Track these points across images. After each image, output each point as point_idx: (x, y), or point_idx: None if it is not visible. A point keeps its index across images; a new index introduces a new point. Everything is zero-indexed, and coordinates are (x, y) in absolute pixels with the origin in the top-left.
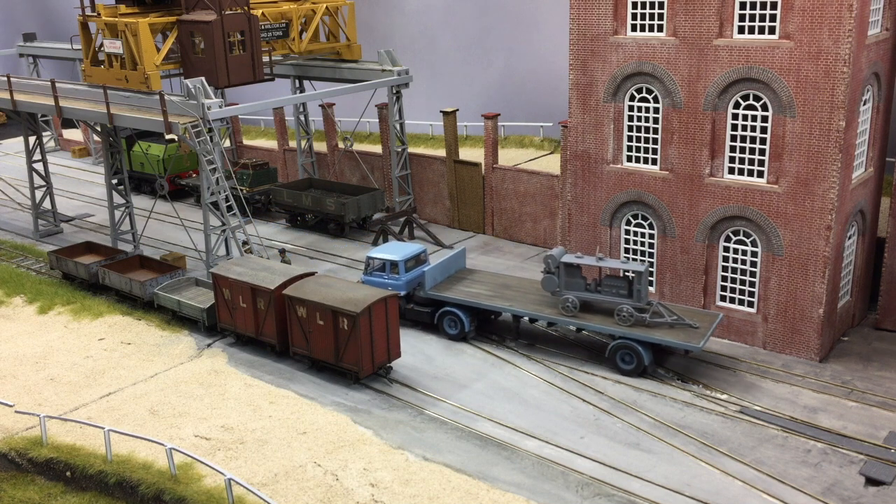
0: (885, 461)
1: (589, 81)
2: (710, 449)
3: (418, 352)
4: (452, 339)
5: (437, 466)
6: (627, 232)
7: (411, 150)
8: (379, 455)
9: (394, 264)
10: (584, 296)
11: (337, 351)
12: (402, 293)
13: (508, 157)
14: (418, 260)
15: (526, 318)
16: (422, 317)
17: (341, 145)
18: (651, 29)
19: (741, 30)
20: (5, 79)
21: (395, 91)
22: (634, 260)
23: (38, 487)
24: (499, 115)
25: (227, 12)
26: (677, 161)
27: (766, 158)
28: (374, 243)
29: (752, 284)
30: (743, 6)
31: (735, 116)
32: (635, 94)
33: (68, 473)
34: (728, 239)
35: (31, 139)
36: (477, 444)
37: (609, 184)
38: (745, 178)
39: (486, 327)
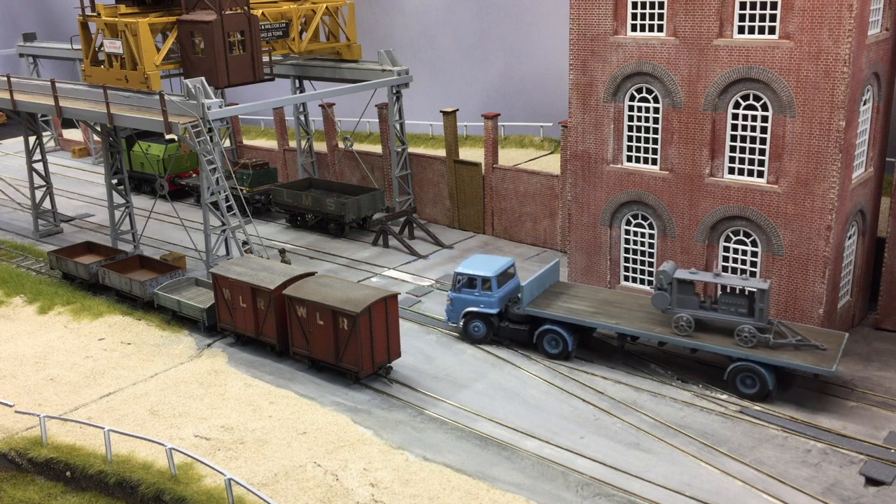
0: (885, 461)
1: (589, 81)
2: (710, 449)
3: (418, 352)
4: (554, 359)
5: (437, 466)
6: (627, 232)
7: (411, 150)
8: (379, 455)
9: (486, 280)
10: (699, 314)
11: (337, 351)
12: (495, 311)
13: (508, 157)
14: (508, 274)
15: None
16: (518, 335)
17: (341, 145)
18: (651, 29)
19: (741, 30)
20: (5, 79)
21: (395, 91)
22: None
23: (38, 487)
24: (499, 115)
25: (227, 12)
26: (677, 161)
27: (766, 158)
28: (374, 243)
29: None
30: (743, 6)
31: (735, 116)
32: (635, 94)
33: (68, 473)
34: (728, 239)
35: (31, 139)
36: (477, 444)
37: (609, 184)
38: (745, 178)
39: (584, 345)
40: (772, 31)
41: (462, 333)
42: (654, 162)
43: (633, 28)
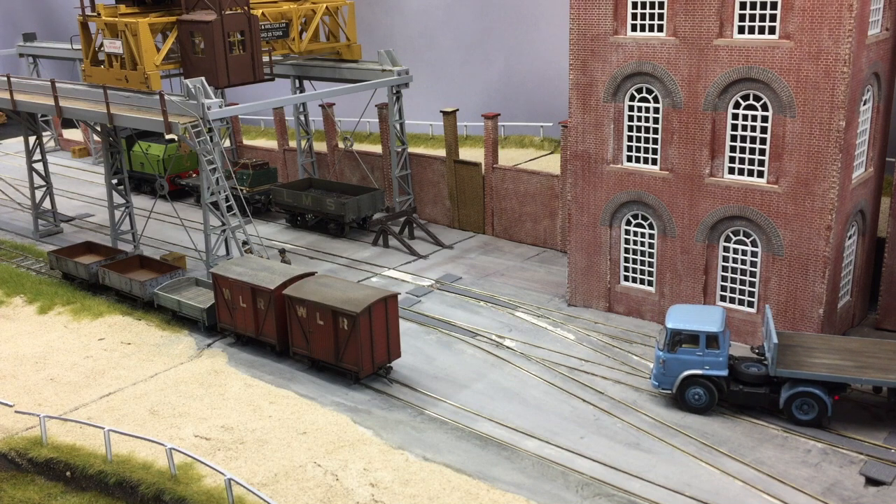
0: (885, 461)
1: (589, 81)
2: (710, 449)
3: (418, 352)
4: (804, 426)
5: (437, 466)
6: (627, 232)
7: (411, 150)
8: (379, 455)
9: (712, 337)
10: None
11: (337, 351)
12: (725, 373)
13: (508, 157)
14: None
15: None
16: (756, 400)
17: (341, 145)
18: (651, 29)
19: (741, 30)
20: (5, 79)
21: (395, 91)
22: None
23: (38, 487)
24: (499, 115)
25: (227, 12)
26: (677, 161)
27: (766, 158)
28: (374, 243)
29: (752, 284)
30: (743, 6)
31: (735, 116)
32: (635, 94)
33: (68, 473)
34: (728, 239)
35: (31, 139)
36: (477, 444)
37: (609, 184)
38: (745, 178)
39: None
40: (772, 31)
41: (678, 400)
42: (654, 162)
43: (633, 28)
